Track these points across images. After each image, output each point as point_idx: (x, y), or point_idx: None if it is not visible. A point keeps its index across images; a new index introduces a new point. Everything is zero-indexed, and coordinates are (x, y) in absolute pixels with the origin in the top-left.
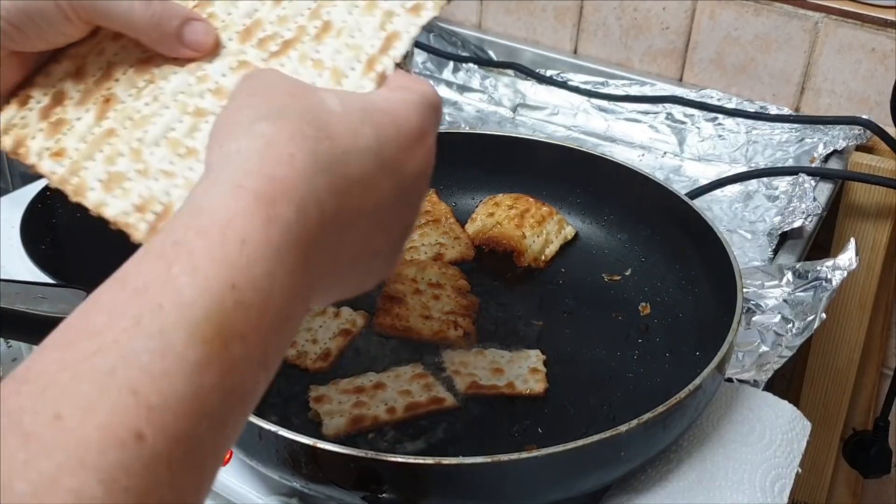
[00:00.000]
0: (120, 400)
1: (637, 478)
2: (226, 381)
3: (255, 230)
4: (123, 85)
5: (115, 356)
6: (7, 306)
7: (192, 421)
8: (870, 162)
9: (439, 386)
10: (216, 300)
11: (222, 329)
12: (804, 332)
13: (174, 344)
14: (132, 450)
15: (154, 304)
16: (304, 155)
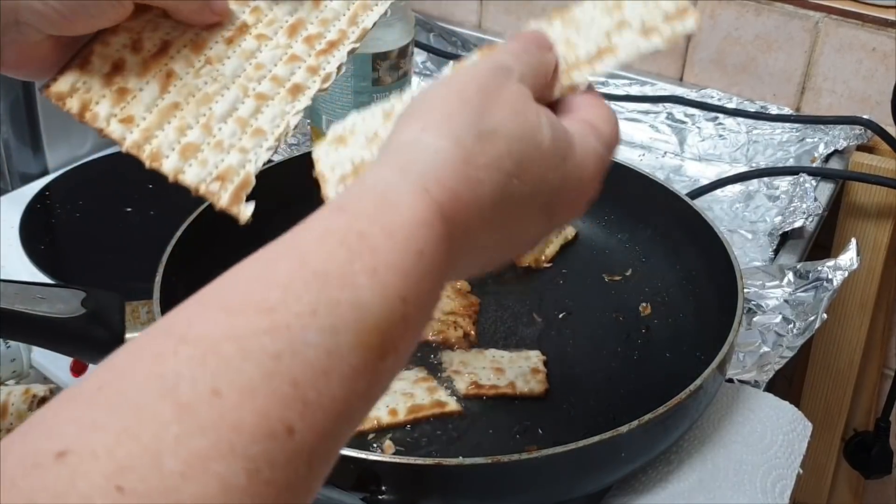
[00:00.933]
0: (280, 389)
1: (637, 479)
2: (372, 389)
3: (432, 244)
4: (181, 62)
5: (284, 341)
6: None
7: (338, 423)
8: (870, 162)
9: (442, 390)
10: (388, 311)
11: (384, 340)
12: (805, 332)
13: (341, 345)
14: (281, 442)
15: (332, 298)
16: (492, 186)
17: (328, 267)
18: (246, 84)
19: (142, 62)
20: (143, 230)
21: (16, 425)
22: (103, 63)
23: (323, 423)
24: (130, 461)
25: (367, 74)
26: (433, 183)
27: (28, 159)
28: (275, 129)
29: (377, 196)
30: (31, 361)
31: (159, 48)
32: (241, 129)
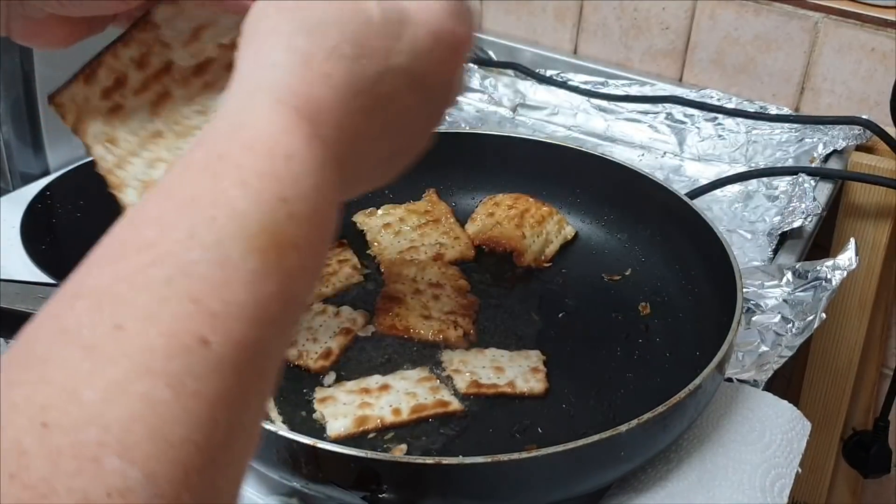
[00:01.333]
0: (181, 308)
1: (637, 478)
2: (285, 290)
3: (299, 146)
4: (180, 84)
5: (171, 267)
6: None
7: (256, 328)
8: (869, 162)
9: (445, 390)
10: (269, 212)
11: (277, 240)
12: (804, 331)
13: (231, 255)
14: (198, 355)
15: (207, 216)
16: (341, 75)
17: (195, 192)
18: None
19: (143, 80)
20: None
21: None
22: (108, 76)
23: (238, 329)
24: (49, 401)
25: None
26: (283, 92)
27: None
28: None
29: (231, 122)
30: None
31: (164, 65)
32: None
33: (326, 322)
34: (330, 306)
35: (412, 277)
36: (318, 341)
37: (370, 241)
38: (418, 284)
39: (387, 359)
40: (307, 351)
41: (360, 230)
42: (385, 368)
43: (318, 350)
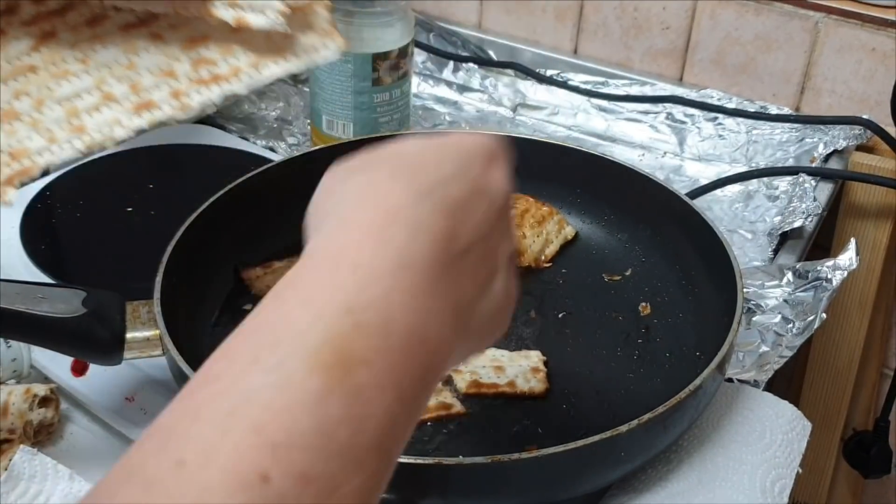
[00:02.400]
0: (243, 440)
1: (637, 478)
2: (353, 410)
3: (367, 255)
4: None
5: (234, 397)
6: (7, 306)
7: (320, 458)
8: (870, 162)
9: (448, 392)
10: (331, 324)
11: (342, 353)
12: (804, 332)
13: (292, 375)
14: (258, 492)
15: (270, 340)
16: (404, 187)
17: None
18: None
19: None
20: (143, 230)
21: (16, 424)
22: None
23: (301, 461)
24: None
25: (367, 74)
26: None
27: None
28: (95, 134)
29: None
30: (31, 361)
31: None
32: (67, 120)
33: None
34: None
35: None
36: None
37: None
38: None
39: None
40: None
41: None
42: None
43: None
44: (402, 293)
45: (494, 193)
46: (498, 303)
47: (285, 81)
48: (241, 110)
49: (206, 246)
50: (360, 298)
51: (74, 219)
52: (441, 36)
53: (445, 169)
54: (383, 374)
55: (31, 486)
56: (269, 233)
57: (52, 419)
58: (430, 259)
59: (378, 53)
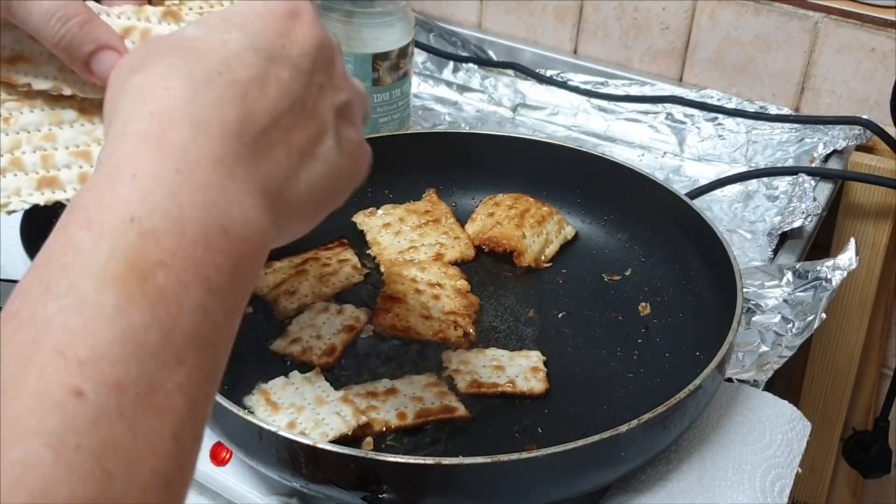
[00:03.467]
0: (47, 364)
1: (637, 478)
2: (159, 312)
3: (145, 163)
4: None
5: (33, 327)
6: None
7: (133, 364)
8: (870, 162)
9: (452, 395)
10: (116, 237)
11: (132, 262)
12: (804, 332)
13: (86, 293)
14: (73, 408)
15: (58, 267)
16: (179, 81)
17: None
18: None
19: None
20: None
21: None
22: None
23: (112, 371)
24: None
25: (368, 74)
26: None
27: None
28: None
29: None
30: None
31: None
32: None
33: (330, 319)
34: (333, 304)
35: (412, 277)
36: (321, 338)
37: (370, 242)
38: (418, 284)
39: (387, 359)
40: (311, 347)
41: (360, 230)
42: (385, 368)
43: (323, 346)
44: (190, 192)
45: (297, 54)
46: (330, 162)
47: None
48: None
49: None
50: (142, 207)
51: None
52: (441, 36)
53: (231, 47)
54: (184, 272)
55: None
56: None
57: None
58: (220, 151)
59: (378, 53)
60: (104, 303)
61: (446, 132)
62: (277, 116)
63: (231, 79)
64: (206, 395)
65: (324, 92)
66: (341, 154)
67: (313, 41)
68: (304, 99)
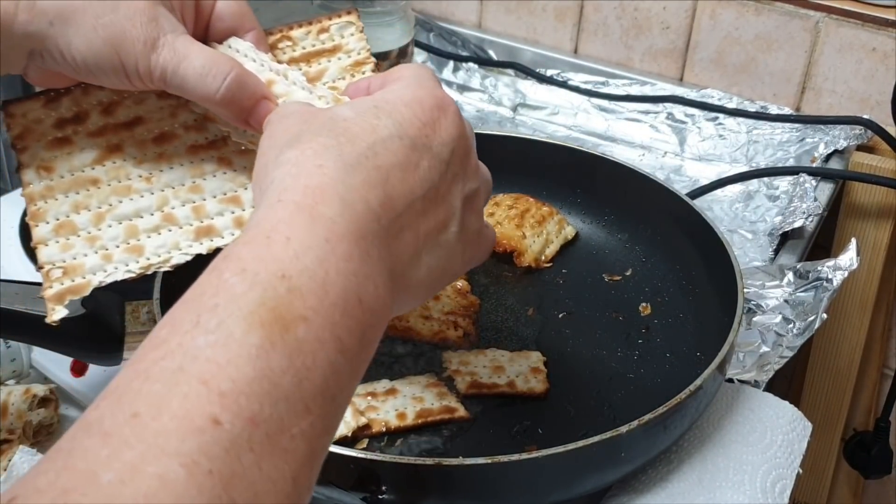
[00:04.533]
0: (191, 391)
1: (637, 478)
2: (295, 361)
3: (299, 229)
4: (136, 142)
5: (180, 356)
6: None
7: (267, 403)
8: (870, 162)
9: (452, 396)
10: (267, 288)
11: (278, 313)
12: (805, 332)
13: (233, 332)
14: (210, 435)
15: (209, 305)
16: (331, 162)
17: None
18: (169, 198)
19: (102, 126)
20: None
21: (16, 425)
22: (70, 107)
23: (248, 406)
24: (70, 484)
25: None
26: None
27: None
28: (152, 257)
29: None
30: (31, 361)
31: (130, 121)
32: (124, 239)
33: None
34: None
35: None
36: None
37: None
38: None
39: (387, 359)
40: None
41: None
42: (385, 369)
43: None
44: (335, 260)
45: (438, 144)
46: (450, 248)
47: None
48: None
49: None
50: (293, 266)
51: None
52: (441, 36)
53: (379, 132)
54: (322, 330)
55: None
56: None
57: (52, 419)
58: (362, 229)
59: (378, 53)
60: (249, 343)
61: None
62: (412, 201)
63: (376, 164)
64: (323, 447)
65: (457, 180)
66: (461, 240)
67: (455, 132)
68: (437, 186)
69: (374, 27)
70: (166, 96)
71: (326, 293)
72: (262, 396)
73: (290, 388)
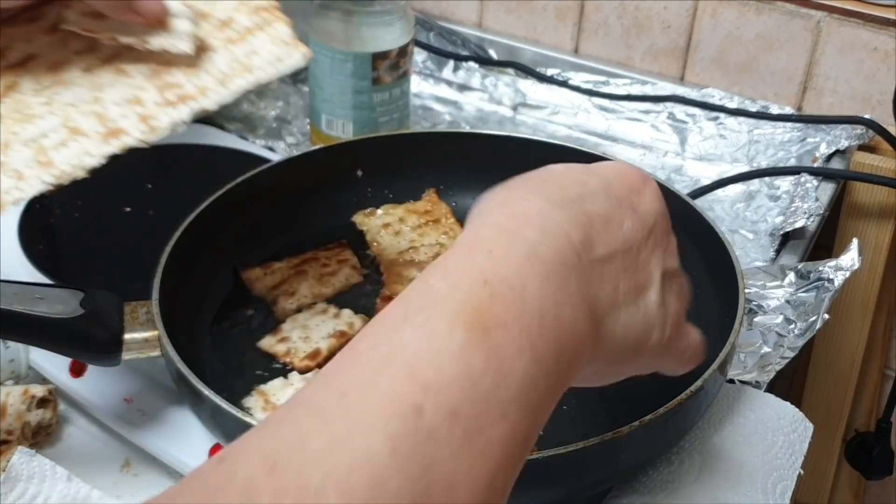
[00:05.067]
0: (397, 378)
1: (638, 479)
2: (494, 365)
3: (500, 246)
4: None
5: (387, 347)
6: (5, 307)
7: (467, 399)
8: (872, 162)
9: None
10: (470, 292)
11: (480, 315)
12: (806, 332)
13: (438, 329)
14: (413, 421)
15: (416, 306)
16: (538, 198)
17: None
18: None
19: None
20: (142, 230)
21: (14, 425)
22: None
23: (449, 400)
24: (279, 448)
25: (367, 74)
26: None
27: None
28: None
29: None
30: (29, 362)
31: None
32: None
33: (324, 322)
34: (332, 307)
35: (412, 278)
36: (309, 340)
37: (370, 242)
38: None
39: None
40: (296, 349)
41: (360, 230)
42: None
43: (307, 350)
44: (534, 277)
45: (643, 213)
46: (648, 317)
47: (284, 81)
48: (240, 110)
49: (205, 246)
50: (495, 275)
51: (73, 219)
52: (441, 35)
53: (587, 187)
54: (520, 337)
55: (30, 487)
56: (269, 233)
57: (51, 420)
58: (562, 258)
59: (378, 53)
60: (453, 341)
61: (446, 132)
62: (613, 253)
63: (582, 209)
64: (519, 458)
65: (657, 252)
66: (660, 314)
67: (659, 206)
68: (639, 249)
69: (374, 26)
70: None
71: (525, 303)
72: (462, 393)
73: (488, 389)
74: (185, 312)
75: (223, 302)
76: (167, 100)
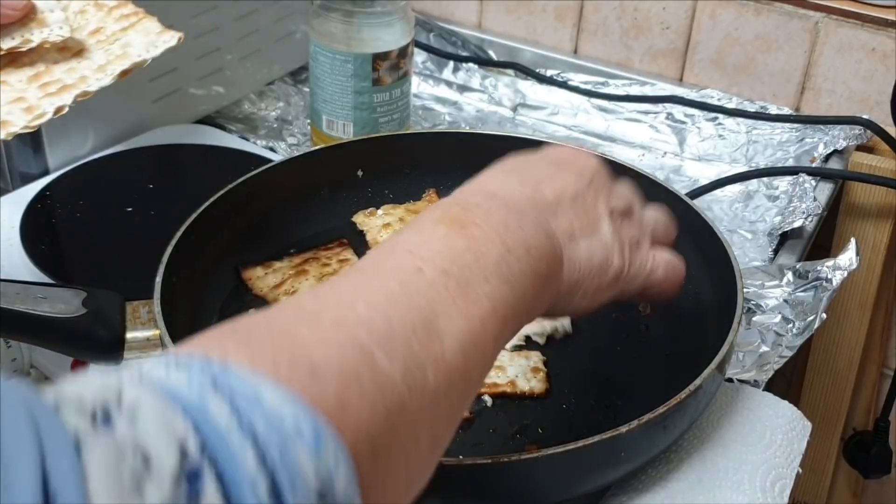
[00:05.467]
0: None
1: (637, 478)
2: (471, 246)
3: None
4: None
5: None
6: (7, 306)
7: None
8: (870, 162)
9: None
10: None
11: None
12: (804, 332)
13: (424, 227)
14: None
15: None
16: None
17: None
18: None
19: None
20: (143, 230)
21: None
22: None
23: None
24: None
25: (367, 74)
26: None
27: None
28: None
29: None
30: (31, 361)
31: None
32: None
33: None
34: None
35: None
36: None
37: (370, 241)
38: None
39: None
40: None
41: (360, 230)
42: None
43: None
44: (497, 206)
45: (580, 168)
46: (605, 244)
47: (285, 81)
48: (241, 110)
49: (206, 246)
50: (465, 201)
51: (74, 219)
52: (441, 36)
53: (531, 161)
54: (490, 232)
55: None
56: (269, 233)
57: None
58: (517, 200)
59: (378, 53)
60: (437, 232)
61: (446, 132)
62: (560, 196)
63: (529, 173)
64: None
65: (601, 195)
66: (616, 240)
67: (594, 162)
68: (584, 195)
69: (374, 27)
70: None
71: (490, 216)
72: (450, 261)
73: (470, 263)
74: (187, 311)
75: (224, 301)
76: (49, 93)
